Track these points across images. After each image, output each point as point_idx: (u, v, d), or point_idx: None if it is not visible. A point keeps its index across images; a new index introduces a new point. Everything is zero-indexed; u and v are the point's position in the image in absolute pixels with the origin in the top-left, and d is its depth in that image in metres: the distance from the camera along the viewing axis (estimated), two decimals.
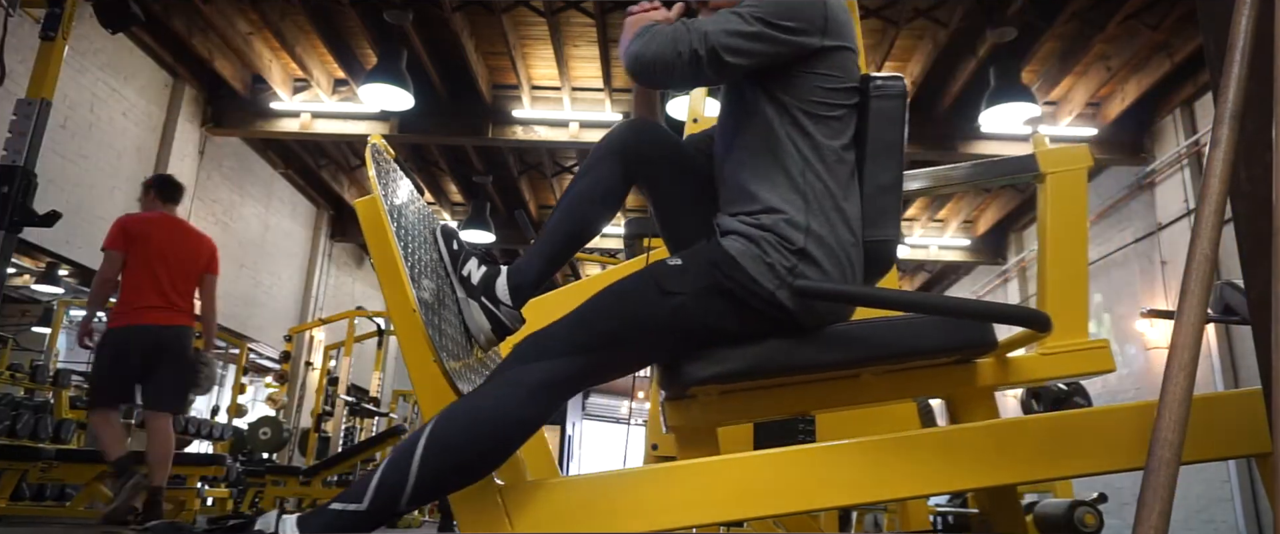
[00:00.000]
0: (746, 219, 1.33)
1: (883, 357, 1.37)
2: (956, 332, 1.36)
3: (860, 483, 1.25)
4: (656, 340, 1.30)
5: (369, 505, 1.15)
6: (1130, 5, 6.23)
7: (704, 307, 1.28)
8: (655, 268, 1.31)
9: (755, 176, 1.36)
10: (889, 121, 1.44)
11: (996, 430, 1.29)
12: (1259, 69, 0.97)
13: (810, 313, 1.30)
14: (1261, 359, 0.95)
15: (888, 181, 1.44)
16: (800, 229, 1.30)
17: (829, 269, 1.31)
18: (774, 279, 1.27)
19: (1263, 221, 0.93)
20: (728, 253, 1.29)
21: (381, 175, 1.38)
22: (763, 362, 1.32)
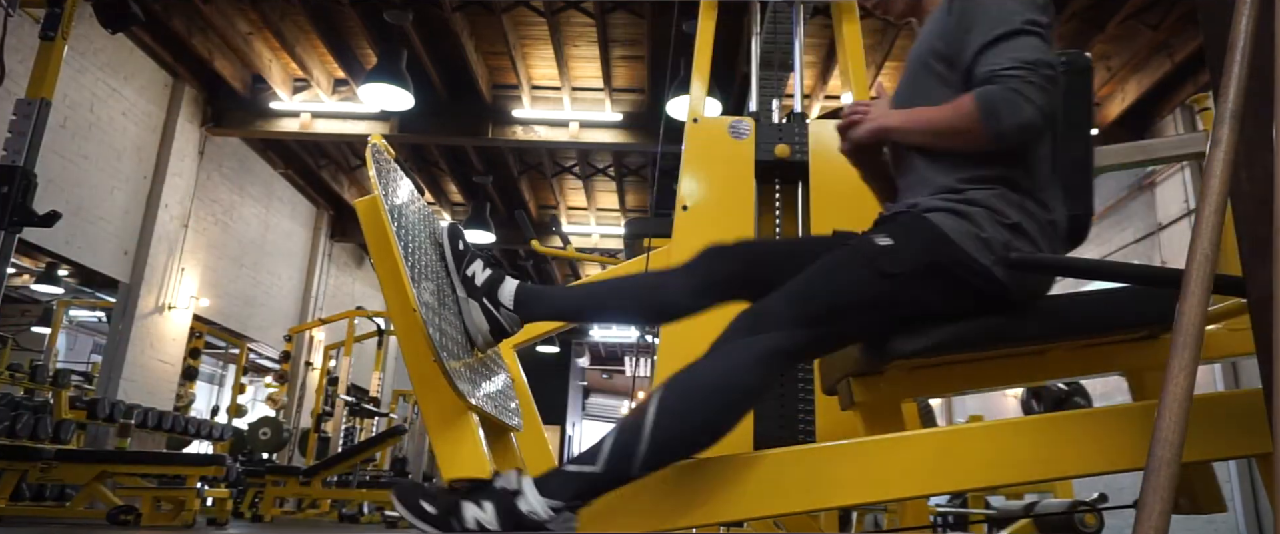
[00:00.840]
0: (952, 197, 1.32)
1: (1089, 329, 1.37)
2: (1155, 303, 1.34)
3: (861, 483, 1.25)
4: (870, 318, 1.29)
5: (603, 467, 1.16)
6: (1130, 5, 6.23)
7: (920, 285, 1.27)
8: (867, 248, 1.29)
9: (956, 161, 1.35)
10: (1078, 97, 1.45)
11: (996, 430, 1.29)
12: (1259, 69, 0.97)
13: (1022, 286, 1.29)
14: (1262, 359, 0.95)
15: (1079, 156, 1.45)
16: (1013, 204, 1.30)
17: (1040, 244, 1.31)
18: (989, 255, 1.27)
19: (1263, 221, 0.93)
20: (942, 231, 1.28)
21: (382, 175, 1.38)
22: (973, 335, 1.32)
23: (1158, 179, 7.61)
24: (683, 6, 5.55)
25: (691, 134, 2.48)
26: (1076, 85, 1.45)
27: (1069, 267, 1.31)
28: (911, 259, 1.27)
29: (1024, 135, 1.25)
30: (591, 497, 1.18)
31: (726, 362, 1.20)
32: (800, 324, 1.24)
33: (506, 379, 1.75)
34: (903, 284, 1.26)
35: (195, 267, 8.30)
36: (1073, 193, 1.43)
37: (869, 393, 1.53)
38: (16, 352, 7.30)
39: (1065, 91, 1.43)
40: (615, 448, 1.17)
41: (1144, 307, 1.35)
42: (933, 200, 1.33)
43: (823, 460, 1.28)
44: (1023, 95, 1.23)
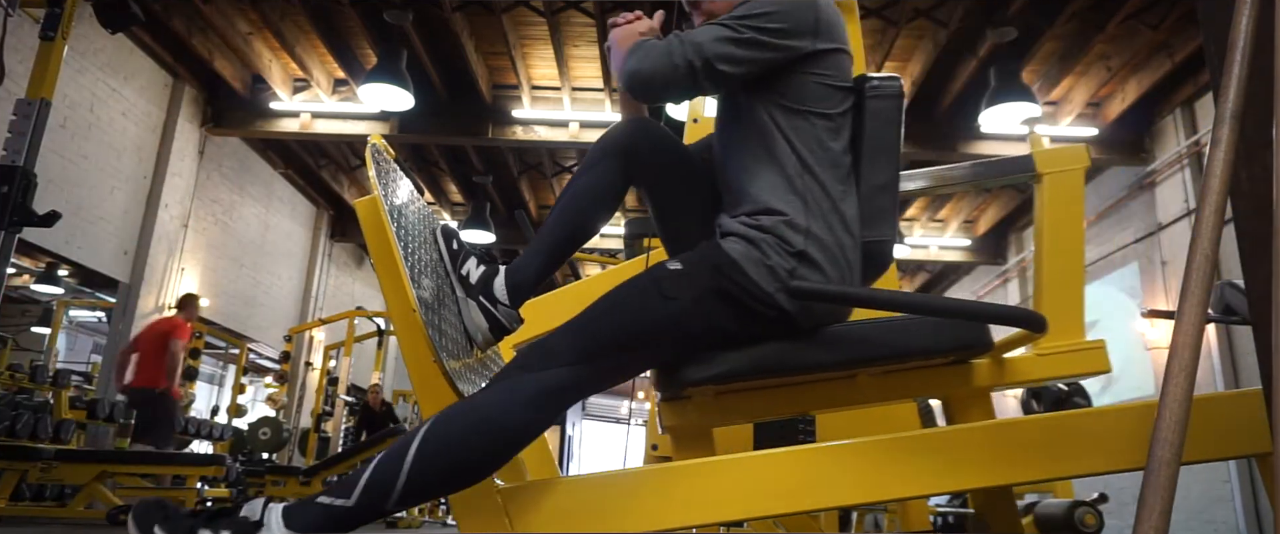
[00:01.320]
0: (746, 221, 1.34)
1: (879, 357, 1.37)
2: (952, 332, 1.36)
3: (860, 483, 1.25)
4: (658, 345, 1.30)
5: (356, 502, 1.13)
6: (1130, 5, 6.23)
7: (705, 310, 1.28)
8: (655, 272, 1.30)
9: (753, 179, 1.37)
10: (885, 122, 1.44)
11: (996, 430, 1.29)
12: (1259, 69, 0.97)
13: (808, 314, 1.30)
14: (1262, 359, 0.95)
15: (884, 181, 1.43)
16: (800, 231, 1.31)
17: (828, 271, 1.31)
18: (773, 281, 1.28)
19: (1263, 221, 0.93)
20: (728, 255, 1.29)
21: (381, 175, 1.38)
22: (760, 362, 1.32)
23: (1158, 179, 7.61)
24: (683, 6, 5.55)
25: (692, 134, 2.48)
26: (885, 109, 1.44)
27: (848, 297, 1.32)
28: (697, 284, 1.27)
29: (630, 83, 1.33)
30: (341, 531, 1.15)
31: (498, 402, 1.19)
32: (582, 360, 1.23)
33: None
34: (686, 309, 1.27)
35: (195, 267, 8.30)
36: (875, 219, 1.42)
37: (677, 417, 1.52)
38: (16, 352, 7.30)
39: (872, 116, 1.43)
40: (371, 482, 1.14)
41: (934, 337, 1.36)
42: (733, 223, 1.35)
43: (823, 460, 1.28)
44: (655, 51, 1.32)
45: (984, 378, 1.52)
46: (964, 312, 1.34)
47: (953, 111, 7.59)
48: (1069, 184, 1.72)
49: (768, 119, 1.38)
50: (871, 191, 1.42)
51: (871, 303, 1.35)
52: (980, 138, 7.59)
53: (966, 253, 10.80)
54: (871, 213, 1.42)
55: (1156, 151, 7.62)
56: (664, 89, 1.34)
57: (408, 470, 1.14)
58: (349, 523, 1.14)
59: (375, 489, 1.14)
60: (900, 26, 6.53)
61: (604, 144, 1.46)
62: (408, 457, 1.14)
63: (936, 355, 1.41)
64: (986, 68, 6.53)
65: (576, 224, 1.43)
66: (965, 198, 9.91)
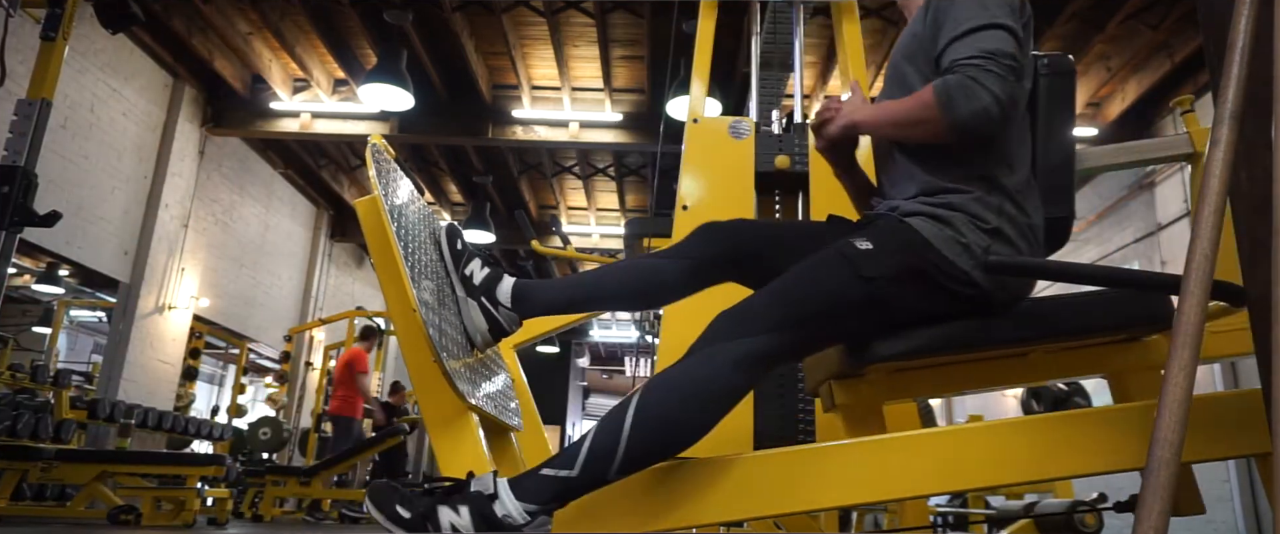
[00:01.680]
0: (928, 201, 1.33)
1: (1066, 331, 1.37)
2: (1138, 306, 1.35)
3: (860, 483, 1.25)
4: (851, 321, 1.30)
5: (580, 471, 1.16)
6: (1130, 5, 6.23)
7: (900, 288, 1.28)
8: (847, 251, 1.29)
9: (936, 161, 1.36)
10: (1059, 99, 1.45)
11: (996, 430, 1.29)
12: (1259, 69, 0.97)
13: (1002, 289, 1.30)
14: (1261, 359, 0.95)
15: (1060, 159, 1.44)
16: (992, 209, 1.31)
17: (1021, 247, 1.32)
18: (969, 259, 1.28)
19: (1263, 222, 0.93)
20: (921, 234, 1.29)
21: (381, 175, 1.38)
22: (952, 338, 1.32)
23: (1157, 179, 7.61)
24: (683, 6, 5.55)
25: (691, 134, 2.48)
26: (1058, 87, 1.45)
27: (1047, 270, 1.31)
28: (891, 263, 1.27)
29: (980, 123, 1.23)
30: (567, 500, 1.18)
31: (704, 366, 1.20)
32: (778, 328, 1.23)
33: (506, 379, 1.75)
34: (882, 287, 1.27)
35: (195, 266, 8.30)
36: (1053, 196, 1.43)
37: (850, 395, 1.53)
38: (17, 351, 7.30)
39: (1047, 94, 1.44)
40: (592, 452, 1.16)
41: (1123, 310, 1.36)
42: (912, 204, 1.34)
43: (823, 460, 1.28)
44: (980, 83, 1.23)
45: (1158, 355, 1.50)
46: (1161, 283, 1.33)
47: None
48: None
49: None
50: (1048, 168, 1.44)
51: (1072, 276, 1.30)
52: None
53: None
54: (1050, 189, 1.43)
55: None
56: (1009, 111, 1.25)
57: (626, 438, 1.15)
58: (575, 491, 1.17)
59: (597, 459, 1.16)
60: (900, 26, 6.53)
61: (683, 246, 1.44)
62: (625, 425, 1.16)
63: (1122, 330, 1.40)
64: None
65: (609, 290, 1.44)
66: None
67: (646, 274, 1.43)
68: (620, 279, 1.44)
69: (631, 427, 1.16)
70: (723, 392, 1.20)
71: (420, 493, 1.19)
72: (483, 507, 1.15)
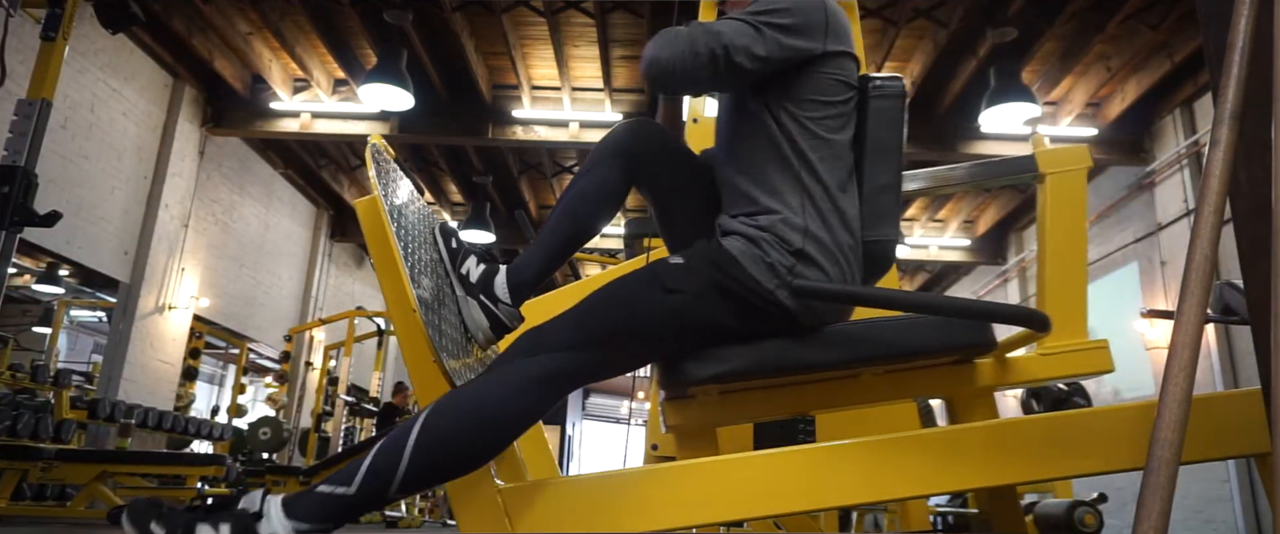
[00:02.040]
0: (746, 220, 1.34)
1: (882, 356, 1.37)
2: (955, 332, 1.36)
3: (860, 483, 1.25)
4: (657, 338, 1.30)
5: (357, 490, 1.13)
6: (1130, 5, 6.23)
7: (705, 305, 1.28)
8: (657, 266, 1.31)
9: (754, 178, 1.37)
10: (888, 122, 1.44)
11: (996, 430, 1.29)
12: (1259, 69, 0.97)
13: (810, 312, 1.31)
14: (1261, 359, 0.95)
15: (886, 181, 1.44)
16: (798, 230, 1.31)
17: (828, 269, 1.32)
18: (774, 279, 1.28)
19: (1262, 222, 0.93)
20: (728, 252, 1.30)
21: (381, 175, 1.38)
22: (762, 361, 1.32)
23: (1157, 179, 7.61)
24: (683, 6, 5.55)
25: (691, 134, 2.48)
26: (887, 109, 1.44)
27: (848, 295, 1.32)
28: (698, 279, 1.28)
29: (649, 70, 1.32)
30: (342, 520, 1.15)
31: (498, 385, 1.19)
32: (581, 347, 1.24)
33: None
34: (686, 302, 1.27)
35: (195, 266, 8.30)
36: (878, 218, 1.43)
37: (681, 416, 1.52)
38: (17, 351, 7.29)
39: (876, 115, 1.44)
40: (371, 470, 1.14)
41: (941, 335, 1.36)
42: (731, 222, 1.36)
43: (823, 460, 1.28)
44: (677, 39, 1.31)
45: (987, 377, 1.53)
46: (968, 311, 1.35)
47: (952, 112, 7.59)
48: (1071, 184, 1.72)
49: (771, 119, 1.39)
50: (874, 191, 1.43)
51: (873, 302, 1.35)
52: (980, 138, 7.59)
53: (966, 253, 10.80)
54: (874, 212, 1.42)
55: (1156, 152, 7.62)
56: (683, 78, 1.33)
57: (408, 458, 1.14)
58: (350, 511, 1.14)
59: (376, 477, 1.14)
60: (900, 26, 6.53)
61: (605, 145, 1.46)
62: (408, 445, 1.15)
63: (940, 355, 1.42)
64: (986, 68, 6.53)
65: (578, 224, 1.43)
66: (965, 198, 9.91)
67: (595, 192, 1.43)
68: (579, 209, 1.43)
69: (414, 447, 1.14)
70: (513, 414, 1.19)
71: (182, 510, 1.15)
72: (246, 524, 1.11)
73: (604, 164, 1.44)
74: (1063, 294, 1.67)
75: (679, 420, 1.52)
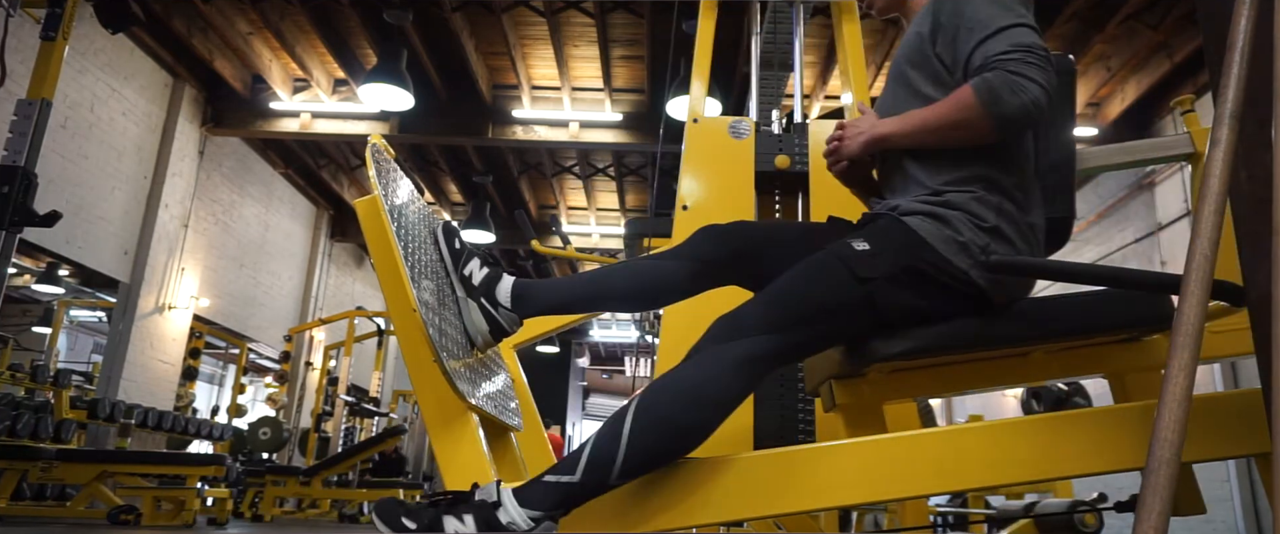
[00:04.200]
0: (929, 199, 1.33)
1: (1067, 331, 1.37)
2: (1139, 306, 1.34)
3: (860, 483, 1.25)
4: (848, 322, 1.29)
5: (582, 477, 1.16)
6: (1130, 5, 6.23)
7: (897, 289, 1.28)
8: (843, 251, 1.29)
9: (935, 161, 1.36)
10: (1060, 99, 1.44)
11: (996, 430, 1.29)
12: (1259, 69, 0.97)
13: (1001, 289, 1.30)
14: (1261, 359, 0.95)
15: (1060, 158, 1.44)
16: (991, 207, 1.31)
17: (1019, 246, 1.31)
18: (967, 258, 1.27)
19: (1263, 221, 0.93)
20: (918, 234, 1.29)
21: (381, 175, 1.38)
22: (952, 338, 1.32)
23: (1157, 179, 7.61)
24: (683, 6, 5.54)
25: (691, 134, 2.48)
26: (1060, 87, 1.44)
27: (1046, 269, 1.30)
28: (888, 263, 1.27)
29: (1029, 114, 1.23)
30: (571, 506, 1.19)
31: (702, 369, 1.20)
32: (776, 329, 1.24)
33: (506, 379, 1.75)
34: (879, 288, 1.27)
35: (195, 267, 8.30)
36: (1053, 195, 1.43)
37: (850, 395, 1.53)
38: (17, 351, 7.29)
39: None
40: (593, 457, 1.17)
41: (1125, 310, 1.35)
42: (912, 204, 1.34)
43: (822, 460, 1.28)
44: (1024, 76, 1.23)
45: (1159, 355, 1.49)
46: (1161, 283, 1.33)
47: None
48: None
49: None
50: (1048, 168, 1.44)
51: (1071, 276, 1.30)
52: None
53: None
54: (1050, 189, 1.43)
55: None
56: (1044, 106, 1.25)
57: (626, 443, 1.16)
58: (577, 497, 1.18)
59: (598, 465, 1.17)
60: (900, 27, 6.52)
61: (685, 247, 1.44)
62: (624, 431, 1.17)
63: (1123, 330, 1.40)
64: None
65: (610, 290, 1.43)
66: None
67: (650, 275, 1.42)
68: (624, 280, 1.43)
69: (630, 431, 1.17)
70: (722, 394, 1.20)
71: (426, 505, 1.20)
72: (487, 514, 1.16)
73: (676, 259, 1.43)
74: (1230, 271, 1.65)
75: (849, 399, 1.52)
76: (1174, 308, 1.34)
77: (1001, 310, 1.33)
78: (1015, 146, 1.36)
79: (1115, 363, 1.51)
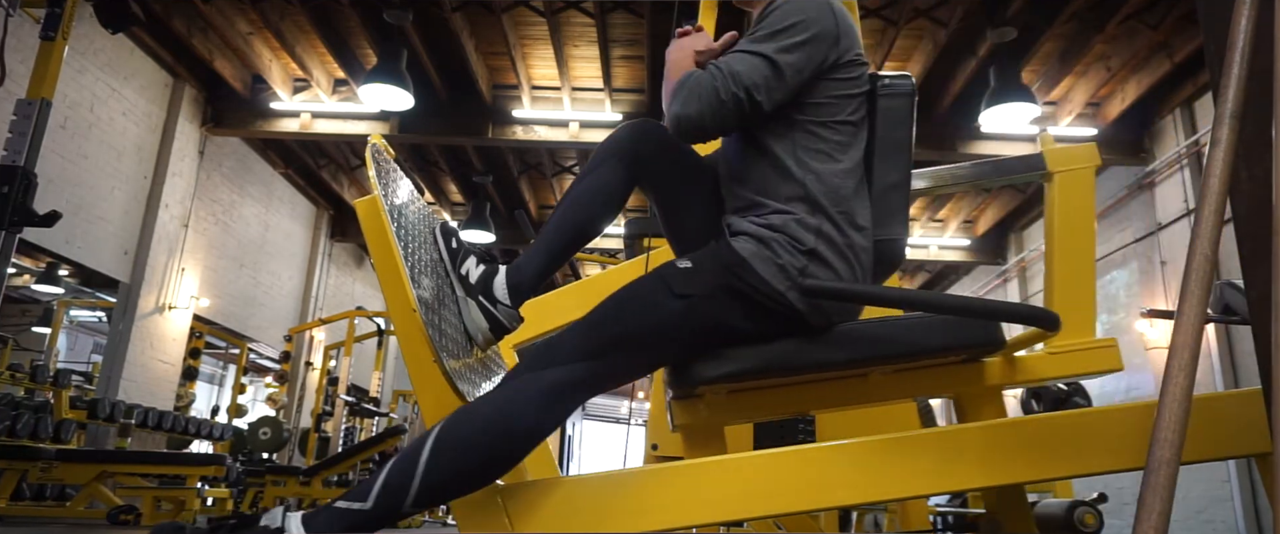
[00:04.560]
0: (756, 220, 1.34)
1: (891, 355, 1.37)
2: (964, 330, 1.36)
3: (860, 483, 1.25)
4: (667, 342, 1.30)
5: (373, 505, 1.14)
6: (1130, 5, 6.23)
7: (715, 307, 1.28)
8: (665, 270, 1.31)
9: (764, 179, 1.37)
10: (897, 120, 1.44)
11: (996, 430, 1.29)
12: (1259, 69, 0.97)
13: (819, 312, 1.31)
14: (1261, 359, 0.95)
15: (895, 180, 1.44)
16: (810, 230, 1.31)
17: (839, 269, 1.32)
18: (784, 280, 1.28)
19: (1263, 221, 0.93)
20: (738, 254, 1.30)
21: (381, 175, 1.38)
22: (773, 361, 1.32)
23: (1157, 179, 7.61)
24: (683, 6, 5.55)
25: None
26: (897, 108, 1.44)
27: (858, 295, 1.32)
28: (706, 281, 1.28)
29: (679, 125, 1.31)
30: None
31: (509, 399, 1.20)
32: (590, 356, 1.24)
33: None
34: (696, 305, 1.27)
35: (195, 267, 8.30)
36: (886, 217, 1.43)
37: (689, 416, 1.52)
38: (17, 351, 7.29)
39: (885, 115, 1.44)
40: (386, 486, 1.15)
41: (950, 334, 1.36)
42: (742, 222, 1.35)
43: (823, 460, 1.28)
44: (702, 94, 1.29)
45: (996, 376, 1.52)
46: (977, 310, 1.35)
47: (953, 111, 7.59)
48: (1080, 182, 1.72)
49: (782, 122, 1.38)
50: (883, 190, 1.43)
51: (884, 301, 1.35)
52: (980, 138, 7.59)
53: (966, 253, 10.80)
54: (883, 211, 1.43)
55: (1156, 151, 7.62)
56: (715, 128, 1.33)
57: (422, 473, 1.15)
58: (367, 526, 1.15)
59: (391, 492, 1.15)
60: (900, 26, 6.53)
61: (607, 146, 1.46)
62: (421, 459, 1.15)
63: (949, 354, 1.41)
64: (986, 68, 6.53)
65: (579, 225, 1.43)
66: (965, 197, 9.91)
67: (598, 192, 1.44)
68: (581, 209, 1.43)
69: (427, 463, 1.15)
70: (524, 428, 1.19)
71: (208, 530, 1.17)
72: None
73: (605, 165, 1.44)
74: (1071, 293, 1.66)
75: (687, 420, 1.52)
76: (1000, 332, 1.37)
77: (822, 333, 1.33)
78: (841, 167, 1.37)
79: (955, 384, 1.53)
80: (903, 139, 1.45)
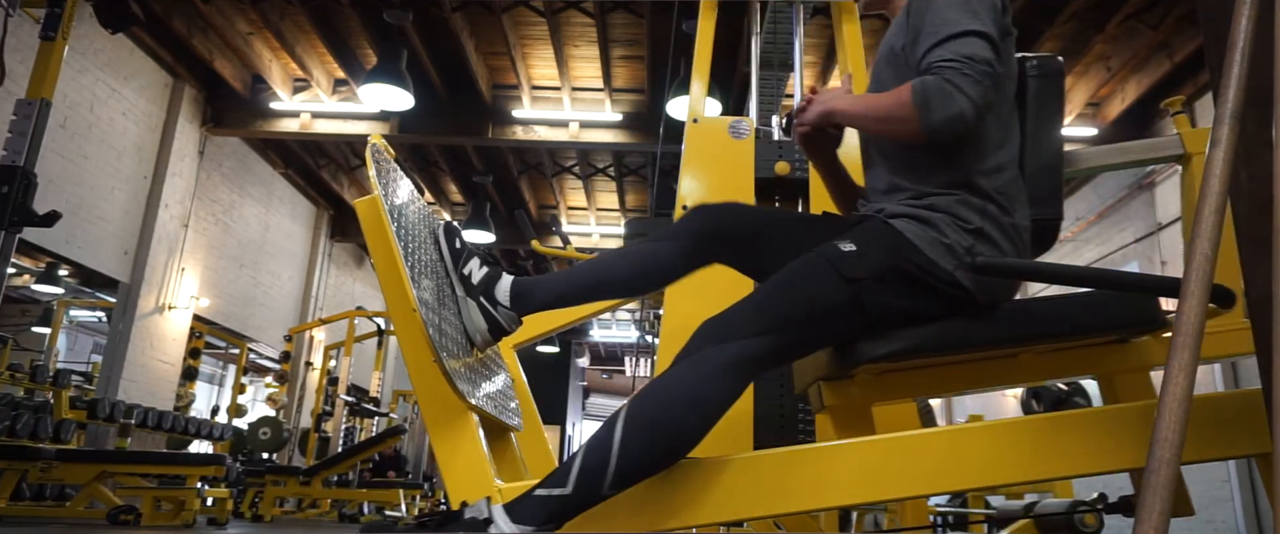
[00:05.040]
0: (915, 203, 1.34)
1: (1054, 333, 1.37)
2: (1127, 308, 1.34)
3: (860, 483, 1.25)
4: (836, 323, 1.30)
5: (573, 489, 1.16)
6: (1130, 5, 6.23)
7: (883, 289, 1.28)
8: (830, 254, 1.30)
9: (919, 163, 1.36)
10: (1047, 100, 1.45)
11: (996, 430, 1.29)
12: (1259, 69, 0.97)
13: (986, 290, 1.31)
14: (1262, 359, 0.95)
15: (1048, 160, 1.45)
16: (975, 210, 1.31)
17: (1005, 248, 1.32)
18: (952, 259, 1.28)
19: (1263, 222, 0.93)
20: (904, 236, 1.30)
21: (381, 175, 1.38)
22: (938, 339, 1.32)
23: (1157, 179, 7.61)
24: (683, 6, 5.55)
25: (691, 134, 2.48)
26: (1046, 89, 1.45)
27: (1031, 271, 1.31)
28: (874, 264, 1.28)
29: (953, 127, 1.24)
30: (563, 520, 1.17)
31: (691, 374, 1.20)
32: (764, 332, 1.24)
33: (506, 379, 1.75)
34: (866, 288, 1.27)
35: (195, 267, 8.30)
36: (1040, 197, 1.43)
37: (838, 397, 1.53)
38: (17, 351, 7.29)
39: (1036, 95, 1.44)
40: (584, 469, 1.16)
41: (1112, 311, 1.35)
42: (897, 206, 1.35)
43: (823, 460, 1.28)
44: (956, 86, 1.23)
45: (1150, 356, 1.49)
46: (1151, 286, 1.33)
47: None
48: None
49: None
50: (1036, 170, 1.44)
51: (1054, 276, 1.31)
52: None
53: None
54: (1037, 191, 1.43)
55: None
56: (986, 109, 1.26)
57: (617, 452, 1.15)
58: (571, 509, 1.17)
59: (589, 474, 1.16)
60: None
61: (677, 226, 1.45)
62: (615, 439, 1.16)
63: (1110, 332, 1.40)
64: None
65: (605, 277, 1.43)
66: None
67: (644, 258, 1.43)
68: (619, 265, 1.44)
69: (622, 439, 1.16)
70: (713, 397, 1.19)
71: (416, 525, 1.19)
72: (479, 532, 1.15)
73: (667, 240, 1.44)
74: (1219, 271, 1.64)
75: (837, 401, 1.52)
76: (1161, 310, 1.35)
77: (987, 312, 1.33)
78: (1000, 148, 1.37)
79: (1104, 364, 1.51)
80: (1054, 119, 1.45)
